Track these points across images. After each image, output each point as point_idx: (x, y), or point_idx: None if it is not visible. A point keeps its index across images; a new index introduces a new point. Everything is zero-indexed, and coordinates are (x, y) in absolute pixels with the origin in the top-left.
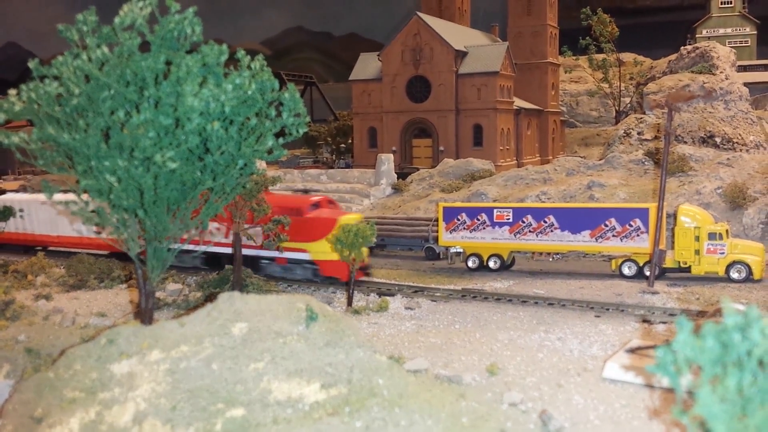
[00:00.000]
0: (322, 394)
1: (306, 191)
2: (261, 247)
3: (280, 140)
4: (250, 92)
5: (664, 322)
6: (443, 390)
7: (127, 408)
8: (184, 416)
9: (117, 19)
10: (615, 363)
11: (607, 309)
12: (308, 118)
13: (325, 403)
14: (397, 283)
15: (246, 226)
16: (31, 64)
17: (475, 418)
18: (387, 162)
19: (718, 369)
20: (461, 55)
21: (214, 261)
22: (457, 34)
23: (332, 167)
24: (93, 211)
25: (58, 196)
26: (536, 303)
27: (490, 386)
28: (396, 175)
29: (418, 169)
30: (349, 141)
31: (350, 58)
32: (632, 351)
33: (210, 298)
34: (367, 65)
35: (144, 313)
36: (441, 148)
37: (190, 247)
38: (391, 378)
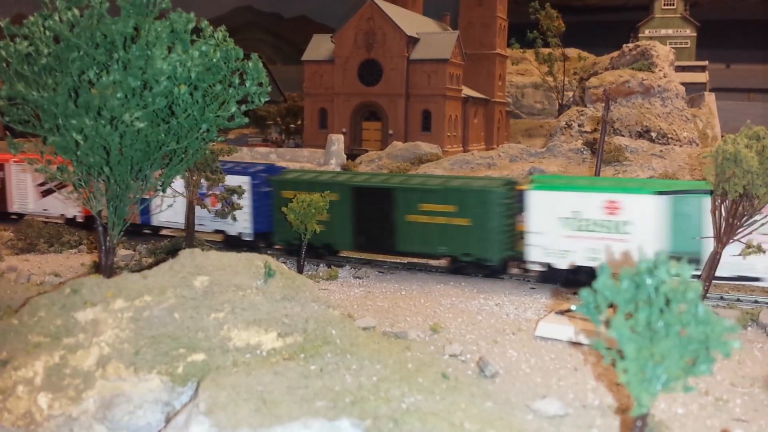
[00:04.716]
0: (279, 342)
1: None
2: None
3: (243, 107)
4: (215, 60)
5: None
6: (390, 343)
7: (91, 352)
8: (146, 360)
9: None
10: (546, 323)
11: (542, 282)
12: (270, 88)
13: (281, 350)
14: (345, 255)
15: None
16: (2, 23)
17: (419, 365)
18: (337, 142)
19: (632, 307)
20: (413, 41)
21: None
22: (409, 21)
23: (281, 146)
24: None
25: None
26: (476, 275)
27: (433, 341)
28: (345, 156)
29: (367, 151)
30: (299, 122)
31: (300, 40)
32: (562, 313)
33: (160, 263)
34: (319, 46)
35: (104, 269)
36: (390, 131)
37: None
38: (343, 329)
